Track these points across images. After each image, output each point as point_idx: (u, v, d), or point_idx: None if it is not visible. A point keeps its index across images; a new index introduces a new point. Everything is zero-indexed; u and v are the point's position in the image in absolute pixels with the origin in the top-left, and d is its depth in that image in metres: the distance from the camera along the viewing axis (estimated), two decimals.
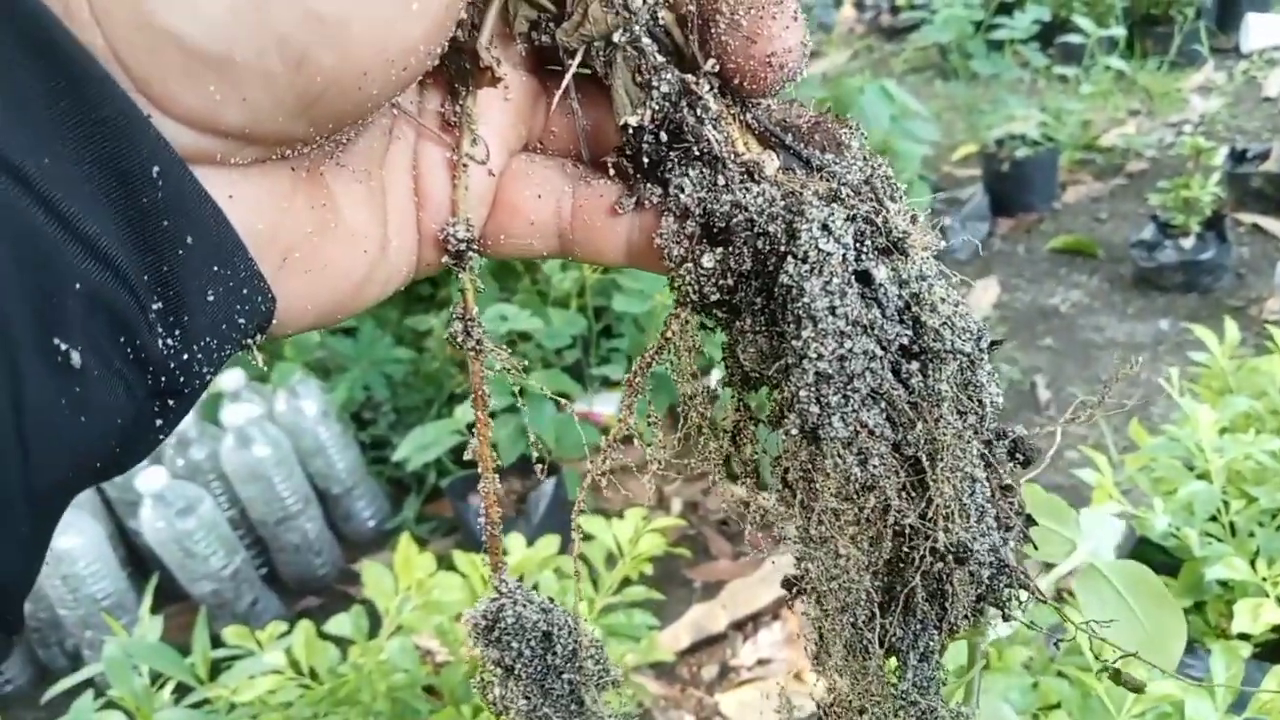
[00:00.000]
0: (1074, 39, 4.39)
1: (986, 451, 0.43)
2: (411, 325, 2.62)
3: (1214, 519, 1.24)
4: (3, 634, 0.30)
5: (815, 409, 0.38)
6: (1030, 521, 0.46)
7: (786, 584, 0.50)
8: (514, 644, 0.43)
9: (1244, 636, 1.15)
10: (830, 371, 0.38)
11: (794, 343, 0.38)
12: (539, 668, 0.43)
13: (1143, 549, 1.41)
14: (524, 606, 0.43)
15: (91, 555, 2.05)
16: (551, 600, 0.44)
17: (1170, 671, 0.54)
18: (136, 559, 2.30)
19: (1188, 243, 3.09)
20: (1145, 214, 3.41)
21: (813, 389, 0.38)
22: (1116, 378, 0.44)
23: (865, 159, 0.40)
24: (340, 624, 1.34)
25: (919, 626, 0.46)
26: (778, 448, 0.42)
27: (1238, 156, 3.46)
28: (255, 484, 2.21)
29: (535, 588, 1.43)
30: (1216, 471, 1.24)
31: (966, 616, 0.45)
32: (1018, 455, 0.45)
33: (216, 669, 1.37)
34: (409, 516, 2.47)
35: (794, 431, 0.40)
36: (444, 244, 0.40)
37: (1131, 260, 3.22)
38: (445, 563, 1.42)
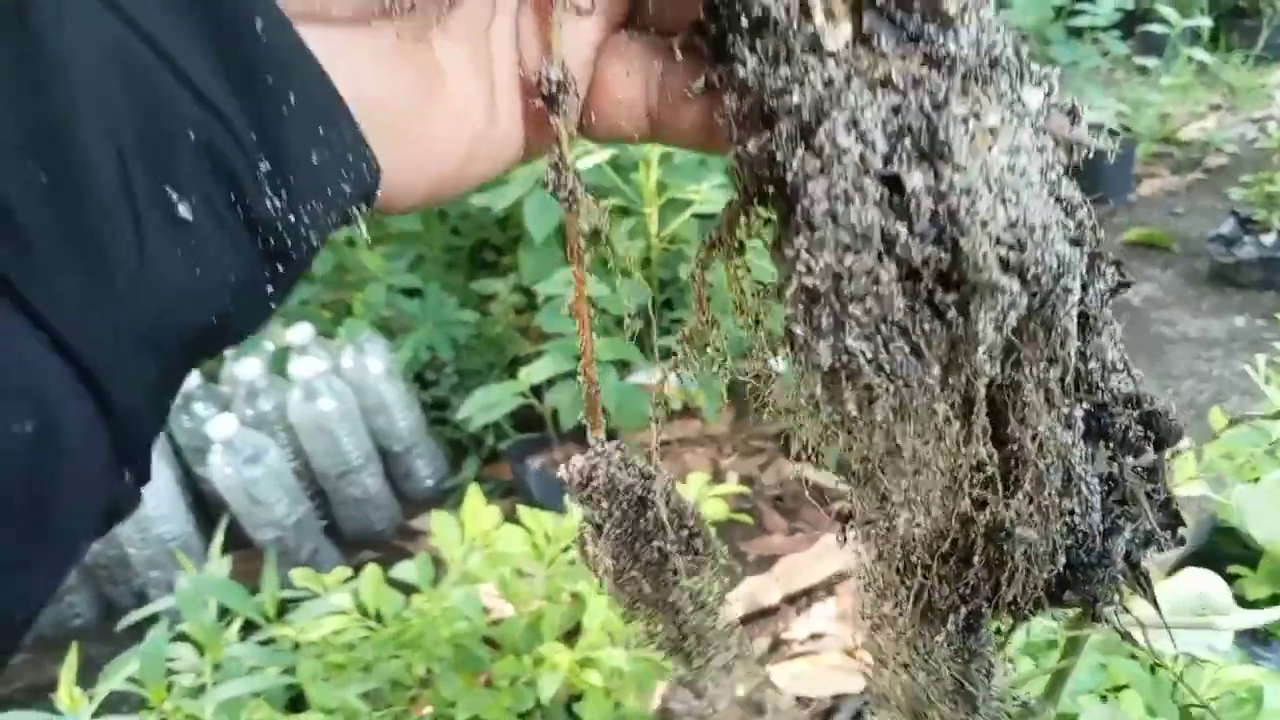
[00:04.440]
0: (1157, 29, 4.28)
1: (1085, 417, 0.38)
2: (477, 289, 2.63)
3: None
4: (135, 484, 0.31)
5: (800, 330, 0.33)
6: (1176, 518, 0.41)
7: (840, 515, 0.48)
8: (604, 503, 0.42)
9: None
10: (820, 289, 0.32)
11: (787, 251, 0.33)
12: (629, 530, 0.42)
13: (1217, 539, 1.39)
14: (619, 469, 0.42)
15: (161, 497, 2.10)
16: (657, 468, 0.43)
17: None
18: (202, 505, 2.35)
19: (1269, 239, 3.00)
20: (1223, 210, 3.32)
21: (801, 308, 0.33)
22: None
23: (981, 30, 0.34)
24: (406, 570, 1.36)
25: (966, 591, 0.42)
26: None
27: None
28: (320, 437, 2.25)
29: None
30: None
31: (1040, 603, 0.41)
32: (1150, 432, 0.39)
33: (282, 610, 1.40)
34: (468, 477, 2.49)
35: (784, 354, 0.35)
36: (536, 87, 0.37)
37: (1208, 255, 3.13)
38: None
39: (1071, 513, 0.38)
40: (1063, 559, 0.39)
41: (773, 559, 2.16)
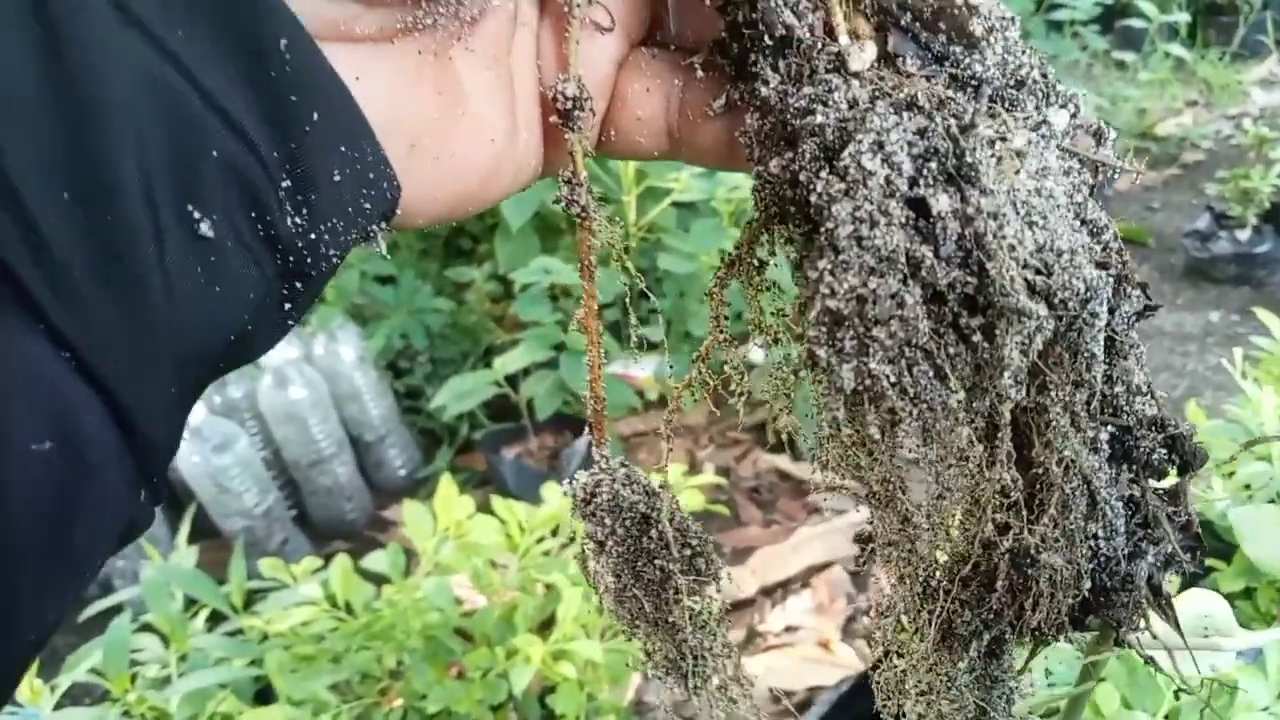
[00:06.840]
0: (1136, 23, 4.30)
1: (1110, 440, 0.37)
2: (452, 277, 2.61)
3: (1272, 502, 1.22)
4: (150, 503, 0.30)
5: (823, 352, 0.33)
6: (1197, 540, 0.39)
7: (859, 538, 0.47)
8: (607, 520, 0.41)
9: None
10: (844, 312, 0.32)
11: (810, 273, 0.33)
12: (631, 548, 0.42)
13: None
14: (624, 486, 0.41)
15: None
16: (662, 486, 0.42)
17: None
18: (169, 494, 2.32)
19: (1243, 234, 3.02)
20: (1198, 205, 3.34)
21: (824, 330, 0.32)
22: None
23: (1007, 52, 0.34)
24: (377, 561, 1.34)
25: (989, 616, 0.41)
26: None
27: None
28: (290, 425, 2.22)
29: (572, 539, 1.42)
30: (1278, 456, 1.21)
31: (1061, 627, 0.40)
32: (1174, 455, 0.38)
33: (250, 600, 1.37)
34: (441, 467, 2.46)
35: (803, 374, 0.35)
36: (552, 103, 0.37)
37: (1183, 250, 3.16)
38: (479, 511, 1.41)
39: (1096, 536, 0.38)
40: (1087, 583, 0.38)
41: (748, 551, 2.15)
